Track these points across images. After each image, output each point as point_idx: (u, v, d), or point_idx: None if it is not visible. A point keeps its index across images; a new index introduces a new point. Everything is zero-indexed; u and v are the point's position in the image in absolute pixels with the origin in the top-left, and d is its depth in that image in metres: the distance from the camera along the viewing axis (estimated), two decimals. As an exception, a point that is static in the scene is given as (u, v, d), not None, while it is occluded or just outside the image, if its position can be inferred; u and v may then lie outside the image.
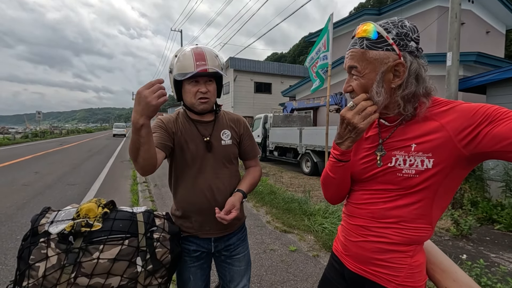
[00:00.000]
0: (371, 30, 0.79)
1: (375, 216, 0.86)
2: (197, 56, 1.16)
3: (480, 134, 0.68)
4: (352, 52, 0.83)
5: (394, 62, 0.77)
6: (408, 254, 0.83)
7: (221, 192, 1.28)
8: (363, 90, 0.82)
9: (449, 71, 4.84)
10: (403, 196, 0.81)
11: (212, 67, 1.17)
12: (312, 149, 8.22)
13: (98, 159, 11.41)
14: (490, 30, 12.96)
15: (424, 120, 0.79)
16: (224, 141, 1.31)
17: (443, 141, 0.74)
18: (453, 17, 4.74)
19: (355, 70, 0.82)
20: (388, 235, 0.83)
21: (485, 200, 4.35)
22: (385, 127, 0.89)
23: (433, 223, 0.83)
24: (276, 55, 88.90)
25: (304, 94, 14.26)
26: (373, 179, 0.88)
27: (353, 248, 0.92)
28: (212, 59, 1.19)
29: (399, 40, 0.77)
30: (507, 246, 3.33)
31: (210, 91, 1.23)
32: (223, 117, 1.37)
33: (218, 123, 1.33)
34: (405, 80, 0.78)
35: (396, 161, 0.82)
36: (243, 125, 1.41)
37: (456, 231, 3.64)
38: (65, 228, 1.01)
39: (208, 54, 1.18)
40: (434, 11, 10.79)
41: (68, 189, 6.13)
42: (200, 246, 1.30)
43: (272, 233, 3.64)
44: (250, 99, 22.54)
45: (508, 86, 5.33)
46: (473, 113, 0.71)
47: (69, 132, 40.20)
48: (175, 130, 1.26)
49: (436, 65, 7.87)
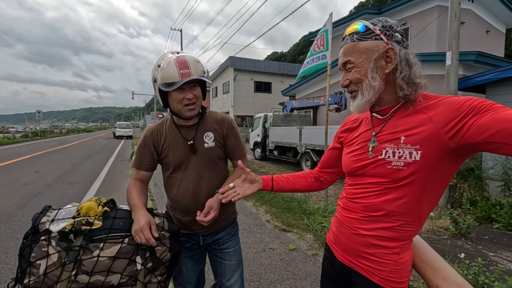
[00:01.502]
0: (358, 25, 0.87)
1: (367, 209, 0.89)
2: (180, 64, 1.17)
3: (466, 125, 0.70)
4: (344, 48, 0.90)
5: (385, 48, 0.83)
6: (394, 251, 0.85)
7: (205, 194, 1.31)
8: (359, 78, 0.87)
9: (449, 71, 4.85)
10: (393, 189, 0.83)
11: (196, 74, 1.19)
12: (312, 148, 8.23)
13: (98, 158, 11.43)
14: (490, 29, 12.96)
15: (414, 113, 0.83)
16: (207, 143, 1.34)
17: (430, 133, 0.77)
18: (452, 17, 4.74)
19: (350, 63, 0.88)
20: (378, 229, 0.86)
21: (484, 199, 4.36)
22: (378, 120, 0.92)
23: (422, 218, 0.86)
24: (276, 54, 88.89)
25: (304, 94, 14.26)
26: (364, 172, 0.91)
27: (343, 239, 0.96)
28: (195, 66, 1.20)
29: (385, 30, 0.85)
30: (506, 245, 3.34)
31: (197, 95, 1.26)
32: (207, 119, 1.39)
33: (201, 126, 1.35)
34: (398, 64, 0.84)
35: (386, 153, 0.85)
36: (227, 125, 1.40)
37: (455, 230, 3.65)
38: (66, 226, 1.02)
39: (191, 62, 1.19)
40: (434, 11, 10.79)
41: (68, 188, 6.15)
42: (190, 238, 1.38)
43: (272, 232, 3.65)
44: (250, 98, 22.56)
45: (507, 85, 5.34)
46: (459, 105, 0.73)
47: (69, 131, 40.23)
48: (160, 139, 1.34)
49: (436, 64, 7.87)
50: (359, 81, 0.87)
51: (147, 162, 1.34)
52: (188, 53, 1.27)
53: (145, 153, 1.34)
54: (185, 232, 1.36)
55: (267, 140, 10.89)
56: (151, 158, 1.35)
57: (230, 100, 22.37)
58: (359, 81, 0.87)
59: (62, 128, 44.33)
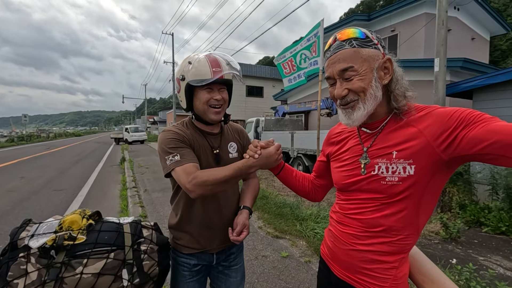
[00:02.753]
0: (357, 31, 0.82)
1: (364, 225, 0.86)
2: (212, 62, 1.13)
3: (457, 137, 0.69)
4: (340, 54, 0.82)
5: (384, 58, 0.81)
6: (394, 265, 0.84)
7: (228, 207, 1.27)
8: (363, 86, 0.80)
9: (437, 77, 4.95)
10: (389, 204, 0.82)
11: (227, 73, 1.16)
12: (304, 153, 8.24)
13: (87, 163, 11.18)
14: (475, 36, 13.36)
15: (403, 126, 0.81)
16: (231, 154, 1.29)
17: (422, 146, 0.76)
18: (440, 24, 4.85)
19: (351, 70, 0.81)
20: (376, 244, 0.84)
21: (472, 203, 4.43)
22: (366, 135, 0.90)
23: (420, 229, 0.85)
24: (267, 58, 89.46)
25: (295, 98, 14.35)
26: (357, 188, 0.88)
27: (341, 255, 0.92)
28: (227, 66, 1.17)
29: (379, 40, 0.83)
30: (495, 249, 3.39)
31: (224, 98, 1.21)
32: (227, 129, 1.35)
33: (224, 135, 1.31)
34: (393, 75, 0.83)
35: (379, 169, 0.83)
36: (245, 137, 1.40)
37: (445, 235, 3.69)
38: (47, 241, 0.96)
39: (222, 61, 1.16)
40: (422, 18, 11.06)
41: (55, 194, 5.97)
42: (202, 259, 1.26)
43: (264, 238, 3.61)
44: (242, 103, 22.55)
45: (493, 91, 5.48)
46: (449, 117, 0.72)
47: (56, 135, 39.34)
48: (191, 142, 1.21)
49: (424, 70, 8.04)
50: (363, 90, 0.81)
51: (193, 156, 1.15)
52: (220, 53, 1.23)
53: (185, 149, 1.15)
54: (197, 251, 1.23)
55: (259, 144, 10.86)
56: (192, 153, 1.17)
57: (222, 104, 22.29)
58: (362, 90, 0.81)
59: (49, 132, 43.34)
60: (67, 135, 44.77)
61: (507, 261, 3.07)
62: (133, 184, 6.84)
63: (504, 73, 5.25)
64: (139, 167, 9.76)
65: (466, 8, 11.98)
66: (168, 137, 1.16)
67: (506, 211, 3.93)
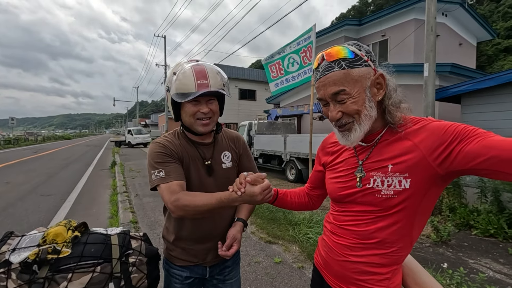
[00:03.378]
0: (345, 51, 0.78)
1: (359, 237, 0.86)
2: (198, 74, 1.06)
3: (453, 152, 0.69)
4: (330, 77, 0.79)
5: (376, 75, 0.79)
6: (386, 277, 0.84)
7: (223, 218, 1.21)
8: (357, 109, 0.79)
9: (426, 81, 5.03)
10: (384, 217, 0.81)
11: (214, 86, 1.07)
12: (297, 157, 8.26)
13: (76, 167, 10.96)
14: (463, 42, 13.71)
15: (398, 140, 0.81)
16: (225, 164, 1.23)
17: (417, 160, 0.75)
18: (429, 30, 4.95)
19: (343, 94, 0.79)
20: (370, 256, 0.84)
21: (462, 206, 4.49)
22: (362, 148, 0.89)
23: (413, 242, 0.85)
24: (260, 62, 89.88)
25: (288, 102, 14.42)
26: (352, 200, 0.88)
27: (335, 266, 0.92)
28: (214, 77, 1.09)
29: (369, 56, 0.80)
30: (484, 251, 3.44)
31: (213, 110, 1.14)
32: (222, 137, 1.28)
33: (218, 144, 1.24)
34: (388, 89, 0.82)
35: (374, 182, 0.82)
36: (242, 145, 1.32)
37: (436, 238, 3.72)
38: (29, 256, 0.92)
39: (210, 72, 1.08)
40: (411, 23, 11.29)
41: (42, 200, 5.82)
42: (194, 272, 1.21)
43: (257, 244, 3.58)
44: (234, 106, 22.54)
45: (481, 96, 5.61)
46: (444, 131, 0.72)
47: (45, 138, 38.51)
48: (181, 154, 1.16)
49: (414, 75, 8.17)
50: (357, 112, 0.79)
51: (180, 172, 1.11)
52: (208, 62, 1.15)
53: (171, 163, 1.10)
54: (190, 264, 1.19)
55: (252, 148, 10.85)
56: (179, 167, 1.12)
57: (215, 107, 22.26)
58: (356, 112, 0.79)
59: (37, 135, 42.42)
60: (56, 138, 43.85)
61: (496, 263, 3.11)
62: (124, 188, 6.72)
63: (491, 79, 5.39)
64: (130, 171, 9.62)
65: (454, 14, 12.30)
66: (156, 150, 1.12)
67: (494, 213, 4.00)
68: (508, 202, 3.96)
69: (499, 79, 5.27)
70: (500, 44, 31.39)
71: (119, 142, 23.67)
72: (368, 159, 0.86)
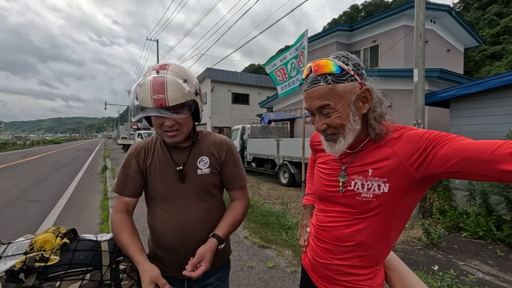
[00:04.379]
0: (332, 66, 0.80)
1: (338, 240, 0.91)
2: (157, 87, 0.96)
3: (428, 157, 0.73)
4: (316, 91, 0.82)
5: (362, 89, 0.82)
6: (368, 277, 0.89)
7: (195, 231, 1.10)
8: (341, 123, 0.83)
9: (416, 87, 5.13)
10: (362, 220, 0.86)
11: (174, 100, 0.98)
12: (290, 160, 8.28)
13: (66, 172, 10.75)
14: (451, 48, 14.06)
15: (380, 146, 0.84)
16: (200, 170, 1.13)
17: (395, 166, 0.79)
18: (418, 37, 5.06)
19: (328, 108, 0.82)
20: (351, 259, 0.89)
21: (452, 209, 4.57)
22: (346, 154, 0.93)
23: (391, 243, 0.90)
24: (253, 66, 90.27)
25: (281, 106, 14.48)
26: (334, 200, 0.93)
27: (320, 268, 0.98)
28: (176, 90, 0.98)
29: (356, 70, 0.82)
30: (474, 254, 3.49)
31: (179, 122, 1.05)
32: (203, 141, 1.20)
33: (195, 149, 1.16)
34: (373, 102, 0.84)
35: (355, 185, 0.86)
36: (226, 150, 1.20)
37: (427, 240, 3.77)
38: (15, 264, 0.90)
39: (171, 85, 0.97)
40: (401, 30, 11.53)
41: (30, 206, 5.68)
42: (173, 284, 1.12)
43: (250, 249, 3.56)
44: (228, 110, 22.54)
45: (469, 101, 5.75)
46: (418, 139, 0.76)
47: (34, 143, 37.69)
48: (147, 159, 1.14)
49: (404, 80, 8.33)
50: (341, 126, 0.83)
51: (132, 186, 1.12)
52: (175, 71, 1.03)
53: (129, 175, 1.12)
54: (167, 275, 1.08)
55: (245, 152, 10.84)
56: (136, 182, 1.13)
57: (208, 111, 22.20)
58: (341, 126, 0.83)
59: (26, 139, 41.49)
60: (45, 142, 42.94)
61: (485, 265, 3.17)
62: (115, 194, 6.61)
63: (478, 84, 5.53)
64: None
65: (442, 21, 12.62)
66: (125, 156, 1.17)
67: (483, 216, 4.07)
68: (496, 205, 4.04)
69: (485, 84, 5.41)
70: (486, 50, 32.33)
71: (127, 146, 21.93)
72: (350, 164, 0.90)
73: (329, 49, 13.69)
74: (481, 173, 0.65)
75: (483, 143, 0.65)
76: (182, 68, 1.08)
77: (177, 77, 1.00)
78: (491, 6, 37.26)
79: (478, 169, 0.64)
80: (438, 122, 8.27)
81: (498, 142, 0.63)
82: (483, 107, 5.54)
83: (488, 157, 0.62)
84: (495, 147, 0.62)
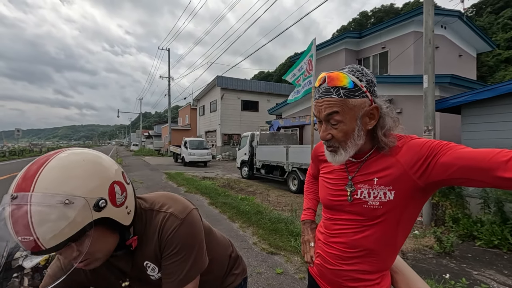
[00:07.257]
0: (347, 80, 0.82)
1: (347, 246, 0.93)
2: (16, 225, 0.59)
3: (430, 165, 0.77)
4: (328, 101, 0.84)
5: (371, 107, 0.85)
6: (376, 282, 0.91)
7: None
8: (345, 136, 0.85)
9: (426, 93, 5.10)
10: (370, 226, 0.88)
11: (50, 240, 0.60)
12: (299, 167, 8.27)
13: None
14: (462, 53, 13.86)
15: (384, 156, 0.88)
16: (153, 276, 0.86)
17: (399, 174, 0.83)
18: (427, 43, 5.05)
19: (335, 119, 0.84)
20: (359, 264, 0.91)
21: (465, 217, 4.47)
22: (352, 163, 0.96)
23: (398, 249, 0.92)
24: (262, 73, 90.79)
25: (290, 113, 14.53)
26: (341, 209, 0.95)
27: (328, 274, 0.99)
28: (49, 223, 0.59)
29: (369, 87, 0.84)
30: (488, 263, 3.40)
31: (82, 252, 0.66)
32: (143, 236, 0.84)
33: (137, 252, 0.85)
34: (381, 120, 0.87)
35: (361, 193, 0.89)
36: (166, 241, 0.82)
37: (439, 249, 3.70)
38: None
39: (38, 216, 0.59)
40: (411, 36, 11.47)
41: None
42: None
43: (259, 255, 3.58)
44: (237, 117, 22.73)
45: (481, 107, 5.65)
46: (420, 147, 0.81)
47: (49, 149, 38.82)
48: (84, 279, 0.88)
49: (414, 86, 8.26)
50: (345, 140, 0.86)
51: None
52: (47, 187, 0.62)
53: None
54: None
55: (254, 158, 10.89)
56: None
57: (217, 119, 22.45)
58: (344, 139, 0.86)
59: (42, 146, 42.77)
60: (60, 150, 44.04)
61: (500, 275, 3.08)
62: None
63: (491, 89, 5.44)
64: (133, 181, 9.65)
65: (453, 27, 12.49)
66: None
67: (498, 224, 3.97)
68: (511, 213, 3.94)
69: (498, 89, 5.31)
70: (501, 55, 31.61)
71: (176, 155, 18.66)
72: (357, 173, 0.93)
73: (338, 56, 13.73)
74: (479, 179, 0.69)
75: (481, 152, 0.69)
76: (66, 171, 0.66)
77: (49, 202, 0.61)
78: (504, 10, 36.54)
79: (477, 176, 0.69)
80: (450, 128, 8.13)
81: (496, 150, 0.68)
82: (496, 113, 5.44)
83: (485, 164, 0.67)
84: (492, 155, 0.67)
